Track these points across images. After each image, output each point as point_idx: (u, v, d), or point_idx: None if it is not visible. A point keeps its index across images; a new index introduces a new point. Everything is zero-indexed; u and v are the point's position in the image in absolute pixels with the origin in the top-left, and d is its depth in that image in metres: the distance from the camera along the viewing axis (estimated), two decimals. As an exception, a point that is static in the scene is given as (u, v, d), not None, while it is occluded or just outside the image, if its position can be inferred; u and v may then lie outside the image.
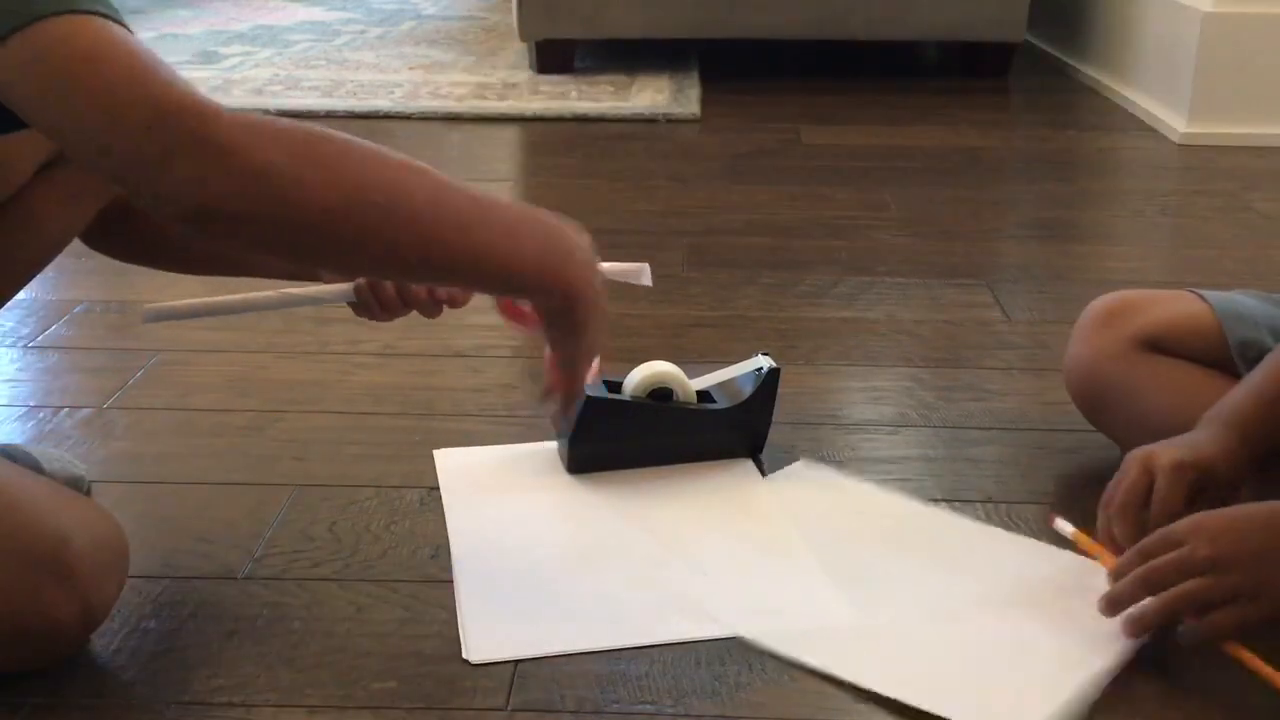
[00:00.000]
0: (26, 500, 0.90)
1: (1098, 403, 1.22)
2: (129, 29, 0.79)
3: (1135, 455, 1.01)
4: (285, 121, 0.79)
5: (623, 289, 1.69)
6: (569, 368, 0.94)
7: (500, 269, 0.87)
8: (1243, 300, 1.18)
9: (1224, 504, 0.98)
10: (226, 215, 0.76)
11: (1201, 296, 1.18)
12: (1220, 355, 1.14)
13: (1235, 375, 1.13)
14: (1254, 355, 1.13)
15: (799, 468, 1.23)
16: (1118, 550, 0.98)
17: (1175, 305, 1.19)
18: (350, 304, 1.14)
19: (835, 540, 1.11)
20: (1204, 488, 1.00)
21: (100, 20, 0.76)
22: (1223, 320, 1.15)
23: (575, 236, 0.94)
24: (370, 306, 1.13)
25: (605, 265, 1.11)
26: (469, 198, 0.87)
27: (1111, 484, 1.02)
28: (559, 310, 0.90)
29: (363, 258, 0.84)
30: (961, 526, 1.14)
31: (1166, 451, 1.00)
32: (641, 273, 1.13)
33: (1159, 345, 1.17)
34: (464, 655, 0.95)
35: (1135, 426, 1.18)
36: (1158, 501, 0.98)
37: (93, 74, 0.74)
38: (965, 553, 1.09)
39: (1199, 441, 1.01)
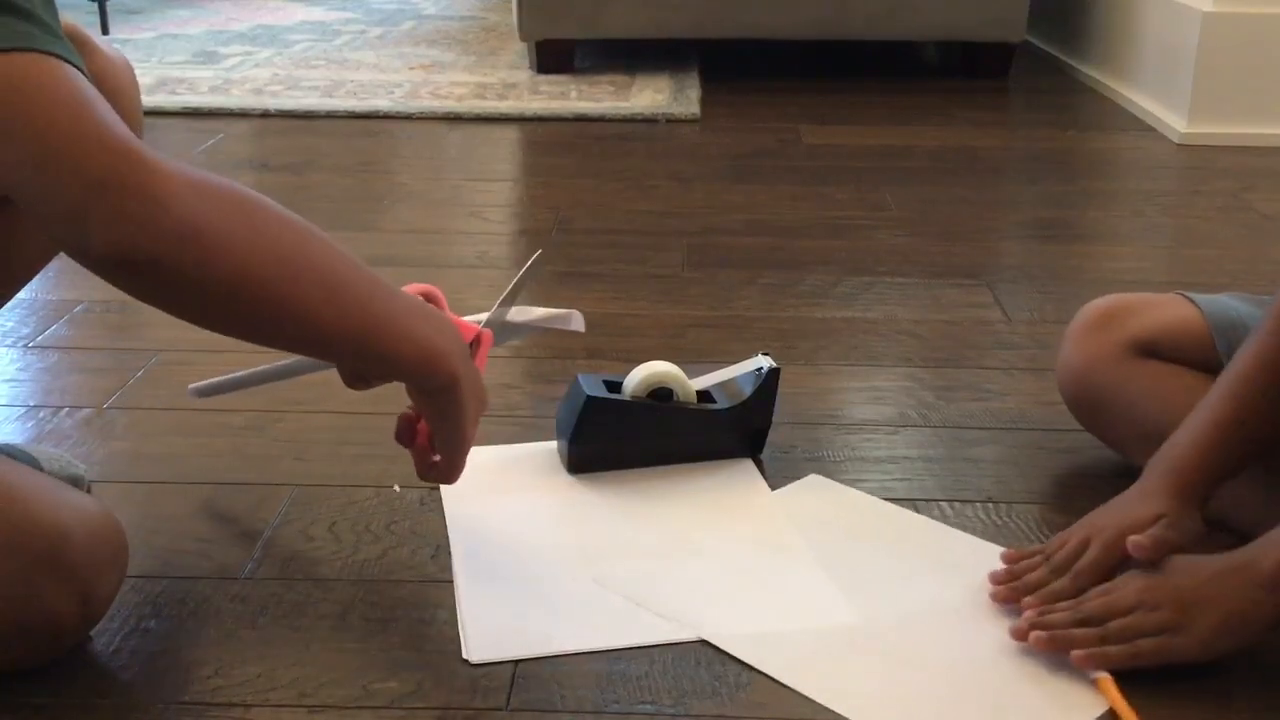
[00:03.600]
0: (26, 496, 0.90)
1: (1090, 408, 1.22)
2: (84, 71, 0.79)
3: (1082, 522, 1.03)
4: (223, 184, 0.80)
5: (623, 289, 1.70)
6: (449, 451, 0.98)
7: (396, 345, 0.90)
8: (1232, 304, 1.17)
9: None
10: (147, 266, 0.77)
11: (1191, 300, 1.18)
12: (1212, 359, 1.14)
13: None
14: None
15: (813, 480, 1.22)
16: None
17: (1166, 310, 1.19)
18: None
19: (835, 541, 1.11)
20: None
21: (53, 61, 0.77)
22: (1211, 326, 1.15)
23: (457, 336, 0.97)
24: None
25: (536, 311, 1.14)
26: (370, 277, 0.89)
27: (1055, 540, 1.03)
28: (440, 391, 0.93)
29: (269, 329, 0.85)
30: (963, 539, 1.13)
31: (1107, 523, 1.01)
32: (570, 319, 1.16)
33: (1151, 350, 1.17)
34: (464, 655, 0.95)
35: (1128, 432, 1.19)
36: (1078, 566, 0.99)
37: (35, 113, 0.75)
38: (963, 558, 1.09)
39: (1139, 512, 1.01)
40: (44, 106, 0.75)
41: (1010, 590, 1.01)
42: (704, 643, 0.97)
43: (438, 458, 1.00)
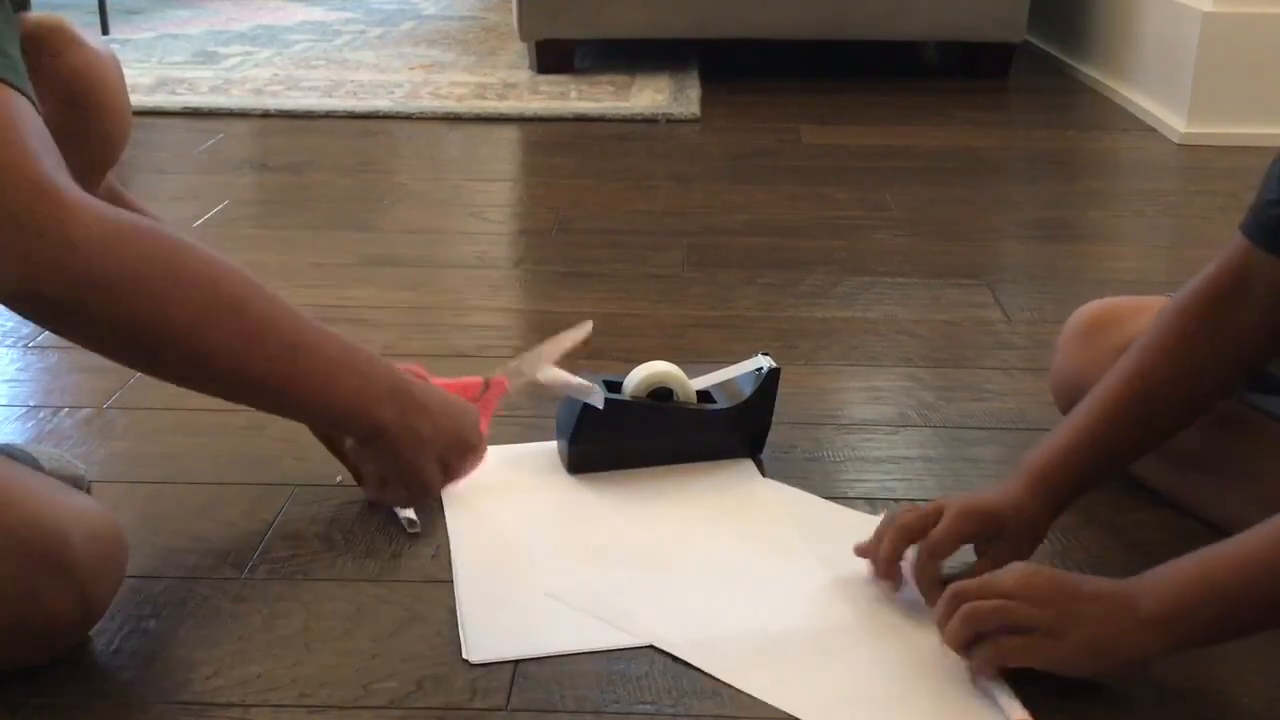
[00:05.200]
0: (25, 496, 0.90)
1: None
2: (31, 98, 0.77)
3: (935, 501, 1.03)
4: (148, 230, 0.79)
5: (623, 289, 1.70)
6: (410, 493, 1.03)
7: (318, 397, 0.92)
8: None
9: (1019, 554, 1.00)
10: (48, 308, 0.76)
11: None
12: None
13: None
14: None
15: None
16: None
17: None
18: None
19: (835, 541, 1.11)
20: (996, 536, 1.01)
21: (11, 93, 0.76)
22: None
23: (405, 380, 0.99)
24: None
25: (562, 376, 1.18)
26: (297, 327, 0.89)
27: (902, 509, 1.04)
28: (367, 441, 0.97)
29: (186, 376, 0.85)
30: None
31: (959, 498, 1.02)
32: (592, 394, 1.18)
33: None
34: (464, 655, 0.95)
35: None
36: (932, 535, 1.00)
37: None
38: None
39: (996, 494, 1.02)
40: None
41: (870, 545, 1.03)
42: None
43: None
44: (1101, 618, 0.88)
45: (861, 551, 1.05)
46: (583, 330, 1.24)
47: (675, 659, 0.95)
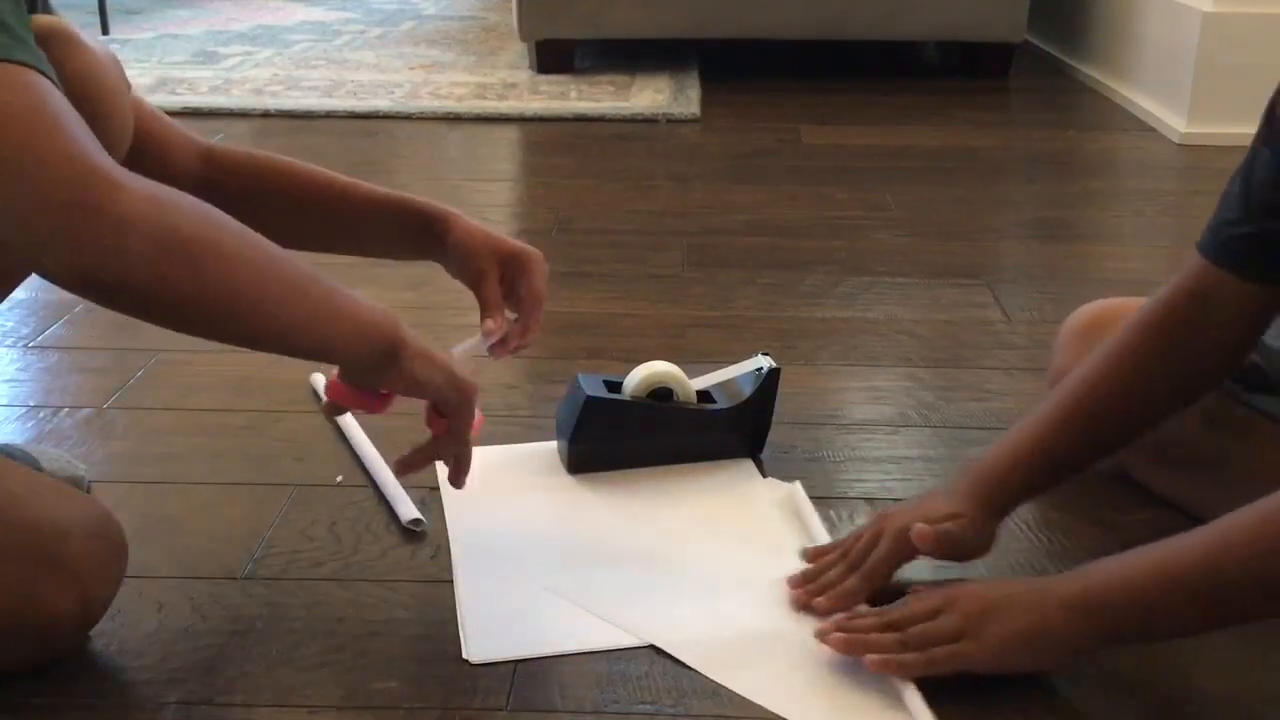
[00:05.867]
0: (25, 496, 0.90)
1: None
2: (53, 78, 0.77)
3: (878, 513, 1.04)
4: (180, 195, 0.79)
5: (623, 289, 1.70)
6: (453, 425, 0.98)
7: (327, 334, 0.91)
8: None
9: (966, 557, 1.01)
10: (115, 287, 0.76)
11: None
12: None
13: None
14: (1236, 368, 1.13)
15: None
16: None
17: None
18: None
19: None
20: (940, 551, 1.01)
21: (30, 74, 0.75)
22: None
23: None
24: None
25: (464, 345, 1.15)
26: (309, 271, 0.92)
27: (851, 535, 1.04)
28: (392, 357, 0.93)
29: (242, 331, 0.86)
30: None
31: (899, 516, 1.02)
32: (481, 342, 1.15)
33: None
34: (464, 655, 0.95)
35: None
36: (870, 562, 1.00)
37: (8, 127, 0.73)
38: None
39: (937, 508, 1.02)
40: (15, 121, 0.73)
41: (807, 594, 1.01)
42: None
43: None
44: (1020, 613, 0.89)
45: (796, 590, 1.04)
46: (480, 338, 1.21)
47: (675, 659, 0.95)
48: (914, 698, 0.89)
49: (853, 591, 0.99)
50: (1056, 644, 0.89)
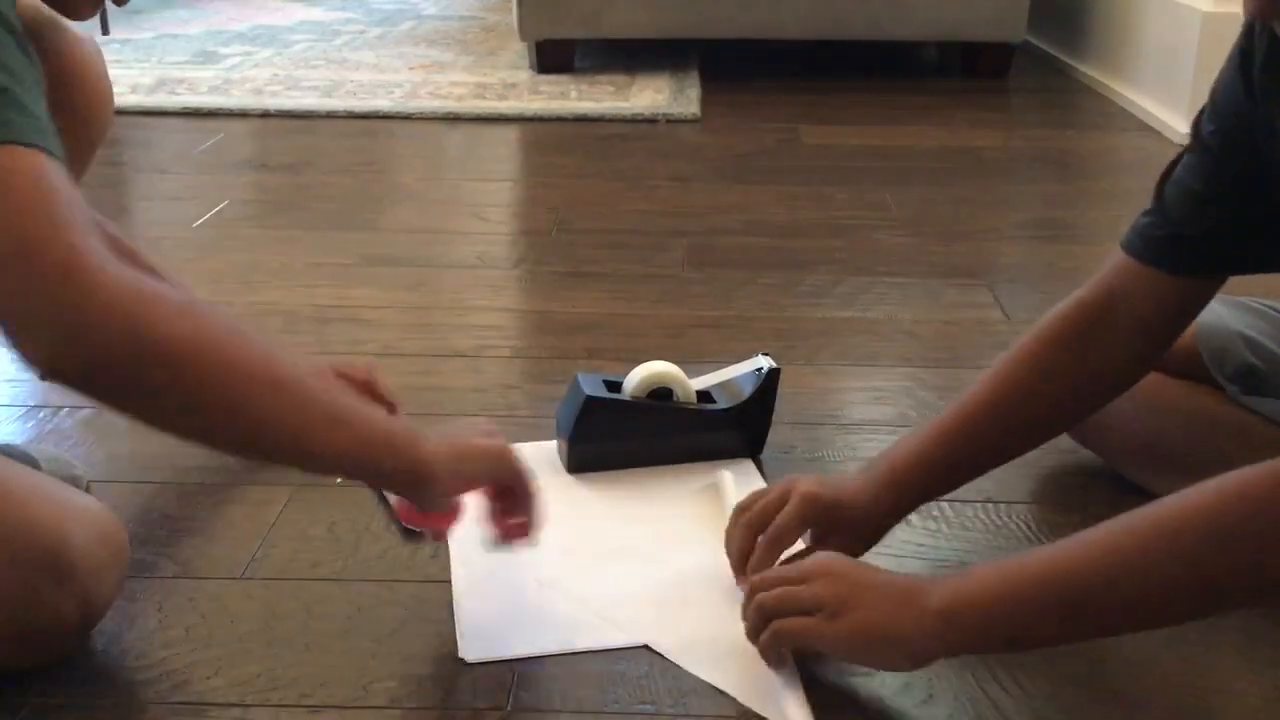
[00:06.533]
0: (25, 497, 0.90)
1: (1082, 426, 1.22)
2: (60, 159, 0.76)
3: (785, 479, 1.04)
4: (164, 289, 0.76)
5: (623, 289, 1.70)
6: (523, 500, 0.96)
7: (367, 449, 0.85)
8: (1213, 308, 1.17)
9: (852, 551, 1.00)
10: (81, 378, 0.74)
11: None
12: (1199, 368, 1.15)
13: (1216, 386, 1.14)
14: (1231, 370, 1.14)
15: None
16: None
17: None
18: None
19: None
20: (836, 528, 1.01)
21: (38, 157, 0.74)
22: (1196, 335, 1.15)
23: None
24: None
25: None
26: (314, 384, 0.83)
27: (751, 496, 1.04)
28: (418, 485, 0.89)
29: (225, 436, 0.82)
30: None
31: (807, 481, 1.02)
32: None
33: None
34: (459, 654, 0.95)
35: (1122, 445, 1.18)
36: (775, 523, 0.99)
37: (10, 211, 0.72)
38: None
39: (845, 483, 1.03)
40: (17, 208, 0.72)
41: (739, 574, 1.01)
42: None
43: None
44: (887, 605, 0.87)
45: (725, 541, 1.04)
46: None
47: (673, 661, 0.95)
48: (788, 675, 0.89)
49: (761, 563, 0.99)
50: (905, 645, 0.87)
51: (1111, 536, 0.83)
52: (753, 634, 0.91)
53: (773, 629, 0.89)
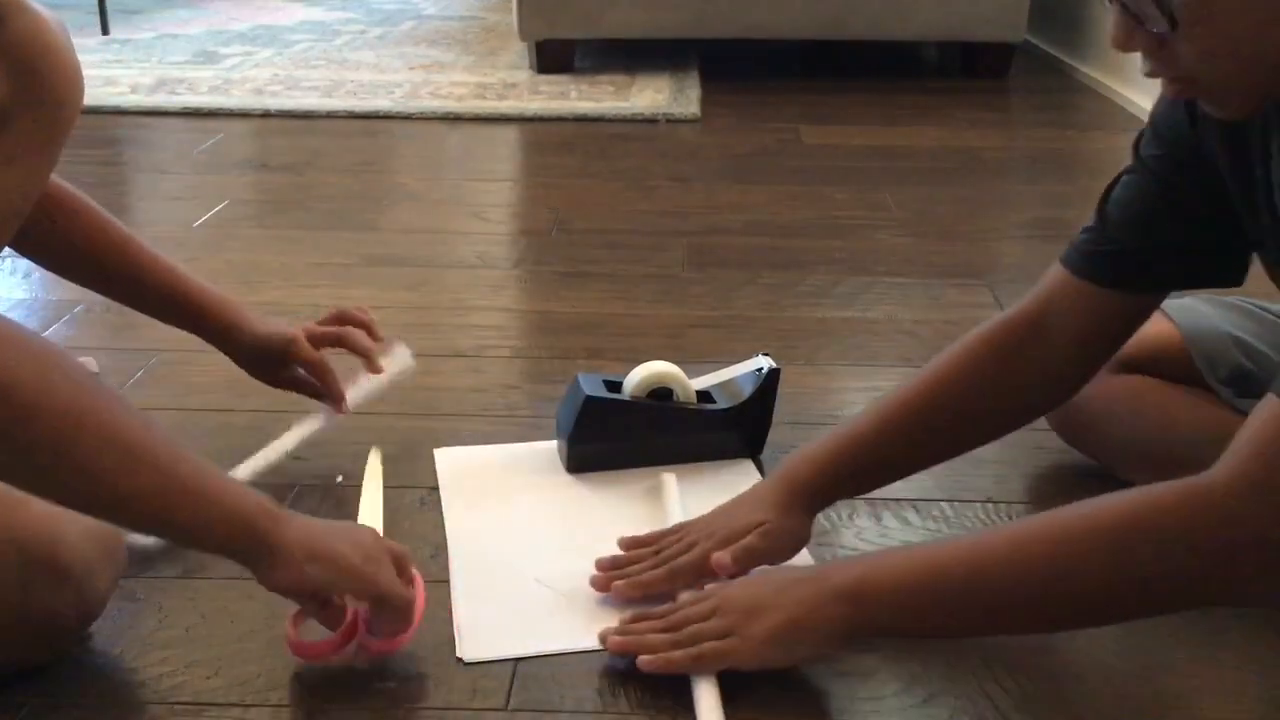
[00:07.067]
0: (20, 497, 0.89)
1: (1075, 428, 1.22)
2: None
3: (702, 521, 1.05)
4: (15, 332, 0.75)
5: (623, 289, 1.70)
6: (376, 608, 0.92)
7: (196, 514, 0.82)
8: (1202, 310, 1.18)
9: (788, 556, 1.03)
10: None
11: (1166, 314, 1.17)
12: (1190, 371, 1.15)
13: (1208, 389, 1.13)
14: (1223, 373, 1.14)
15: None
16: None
17: (1144, 327, 1.18)
18: None
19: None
20: (766, 558, 1.02)
21: None
22: (1187, 339, 1.15)
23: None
24: None
25: (374, 380, 1.22)
26: (171, 450, 0.82)
27: (668, 531, 1.05)
28: (257, 562, 0.86)
29: (54, 485, 0.79)
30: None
31: (713, 527, 1.03)
32: (395, 358, 1.24)
33: (1131, 366, 1.17)
34: (458, 653, 0.95)
35: (1114, 448, 1.18)
36: (678, 562, 1.00)
37: None
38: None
39: (741, 522, 1.03)
40: None
41: (608, 578, 1.02)
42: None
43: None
44: (790, 603, 0.89)
45: (598, 574, 1.04)
46: (401, 363, 1.26)
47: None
48: (708, 695, 0.89)
49: (651, 582, 1.00)
50: (820, 634, 0.89)
51: (1025, 533, 0.86)
52: (662, 664, 0.90)
53: (692, 656, 0.90)
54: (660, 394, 1.23)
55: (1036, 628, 0.91)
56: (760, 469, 1.23)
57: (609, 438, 1.22)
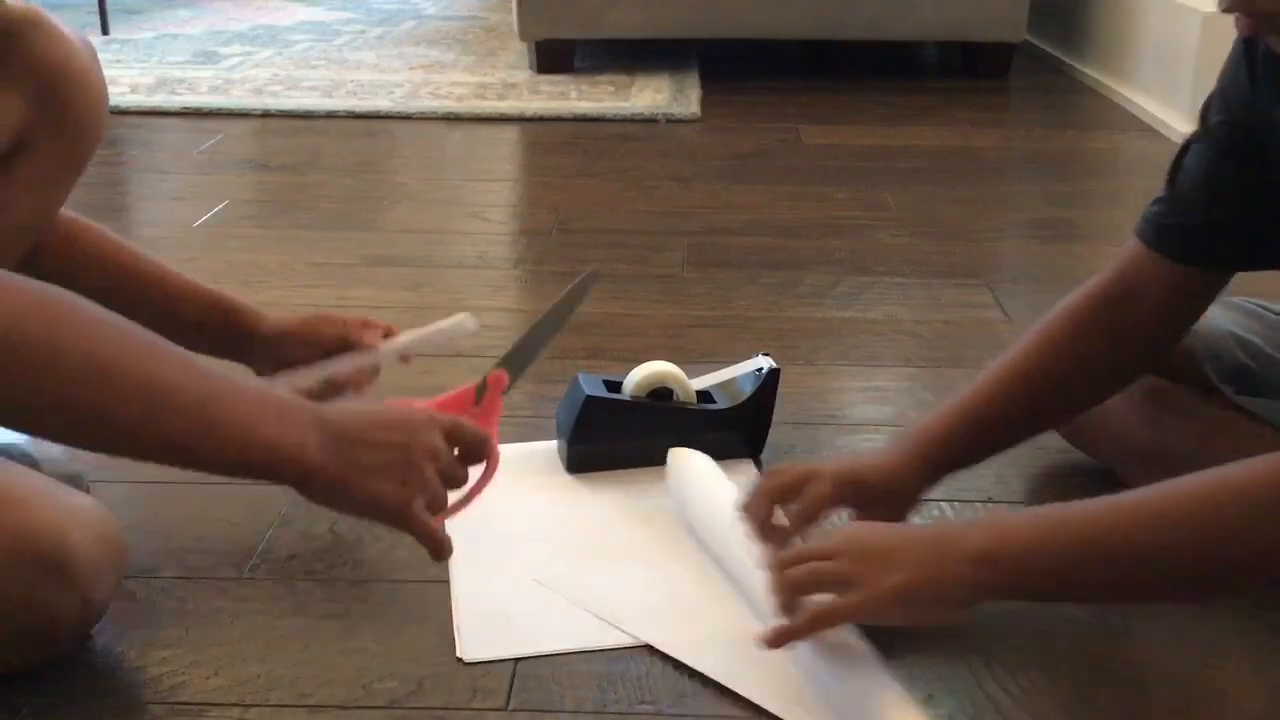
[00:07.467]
0: (23, 497, 0.89)
1: (1077, 428, 1.22)
2: None
3: (809, 465, 1.04)
4: (26, 286, 0.73)
5: (623, 289, 1.70)
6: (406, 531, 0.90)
7: (235, 452, 0.81)
8: (1209, 311, 1.17)
9: (893, 516, 1.02)
10: None
11: None
12: (1194, 368, 1.15)
13: (1210, 387, 1.13)
14: (1224, 371, 1.13)
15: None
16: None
17: None
18: None
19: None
20: (870, 503, 1.02)
21: None
22: (1188, 337, 1.15)
23: (331, 413, 0.86)
24: None
25: (428, 328, 1.18)
26: (205, 385, 0.80)
27: (776, 484, 1.03)
28: (301, 487, 0.85)
29: (83, 436, 0.79)
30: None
31: (838, 461, 1.04)
32: (463, 325, 1.19)
33: None
34: (458, 653, 0.95)
35: (1117, 449, 1.18)
36: (803, 499, 1.00)
37: None
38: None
39: (872, 463, 1.04)
40: None
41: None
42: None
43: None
44: (921, 560, 0.86)
45: (744, 509, 1.03)
46: (460, 323, 1.21)
47: (674, 659, 0.95)
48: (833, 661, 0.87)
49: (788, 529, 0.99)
50: (958, 595, 0.86)
51: (1159, 499, 0.83)
52: (785, 609, 0.88)
53: (809, 616, 0.87)
54: (660, 394, 1.23)
55: (1177, 595, 0.89)
56: (760, 469, 1.23)
57: (609, 438, 1.22)
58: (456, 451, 0.93)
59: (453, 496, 0.94)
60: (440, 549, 0.91)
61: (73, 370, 0.74)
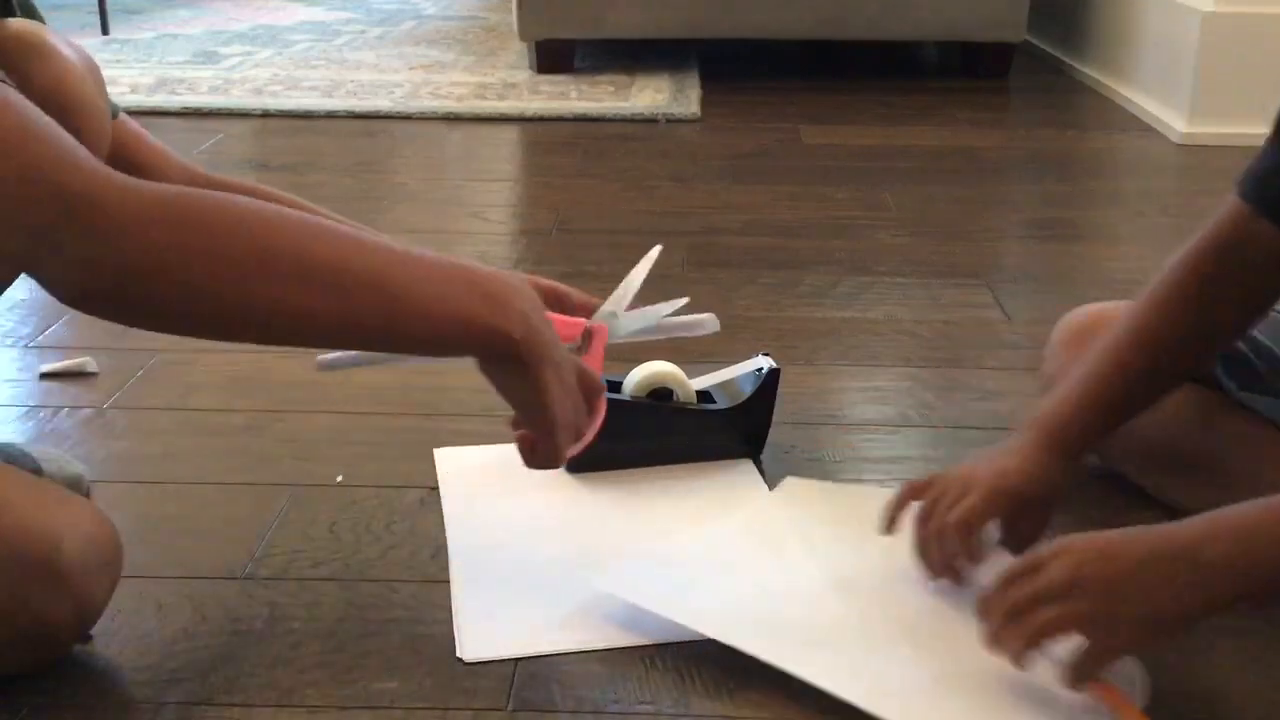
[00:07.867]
0: (17, 503, 0.89)
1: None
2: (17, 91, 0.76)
3: (955, 474, 1.02)
4: (184, 195, 0.76)
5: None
6: (536, 429, 0.90)
7: (426, 323, 0.83)
8: None
9: (1043, 521, 1.01)
10: (109, 302, 0.74)
11: None
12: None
13: (1211, 385, 1.13)
14: (1230, 368, 1.13)
15: (791, 483, 1.20)
16: (939, 562, 0.99)
17: None
18: None
19: (833, 542, 1.11)
20: (1022, 511, 1.01)
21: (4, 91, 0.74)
22: None
23: (514, 284, 0.87)
24: None
25: (663, 312, 1.13)
26: (383, 259, 0.82)
27: (928, 501, 1.01)
28: (500, 360, 0.85)
29: (273, 333, 0.81)
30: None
31: (982, 476, 1.00)
32: (704, 324, 1.14)
33: None
34: (458, 654, 0.95)
35: (1117, 446, 1.18)
36: (957, 513, 0.98)
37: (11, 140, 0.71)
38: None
39: (1015, 467, 1.01)
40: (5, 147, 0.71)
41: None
42: (704, 642, 0.96)
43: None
44: (1156, 584, 0.82)
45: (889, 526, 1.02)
46: (650, 256, 1.19)
47: (672, 659, 0.95)
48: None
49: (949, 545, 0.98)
50: (1188, 613, 0.82)
51: None
52: (1012, 655, 0.84)
53: (1076, 667, 0.83)
54: (660, 394, 1.23)
55: None
56: (760, 469, 1.23)
57: (609, 438, 1.21)
58: None
59: None
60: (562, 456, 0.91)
61: (244, 272, 0.76)
